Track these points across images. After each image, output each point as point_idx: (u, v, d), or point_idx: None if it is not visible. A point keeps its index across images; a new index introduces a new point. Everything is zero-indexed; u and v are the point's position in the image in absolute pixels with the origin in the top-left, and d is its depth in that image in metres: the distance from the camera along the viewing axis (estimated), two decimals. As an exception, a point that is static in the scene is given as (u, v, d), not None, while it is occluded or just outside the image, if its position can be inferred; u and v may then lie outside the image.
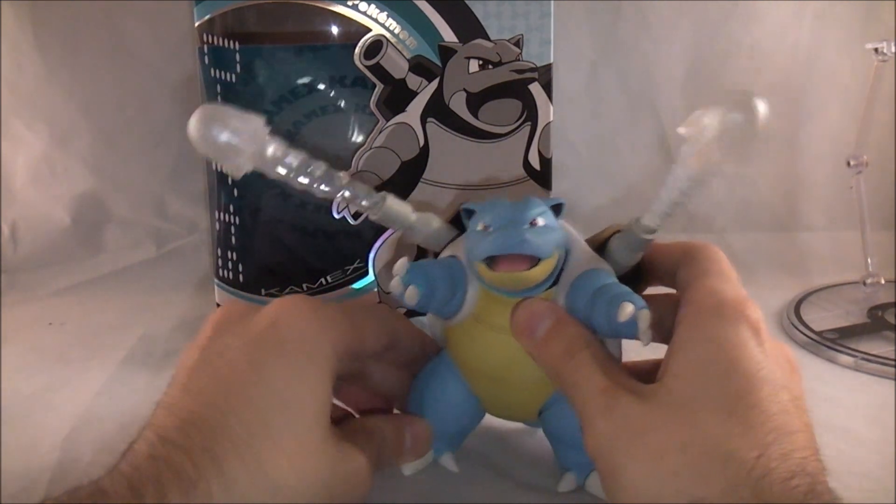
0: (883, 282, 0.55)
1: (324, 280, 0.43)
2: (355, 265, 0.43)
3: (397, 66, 0.41)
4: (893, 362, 0.44)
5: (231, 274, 0.43)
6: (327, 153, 0.42)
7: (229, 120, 0.27)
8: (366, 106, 0.41)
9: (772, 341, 0.26)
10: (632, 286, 0.30)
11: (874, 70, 0.55)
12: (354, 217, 0.42)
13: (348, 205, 0.32)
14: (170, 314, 0.57)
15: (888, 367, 0.44)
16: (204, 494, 0.22)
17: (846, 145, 0.57)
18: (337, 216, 0.42)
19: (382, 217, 0.32)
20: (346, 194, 0.31)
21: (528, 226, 0.27)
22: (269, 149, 0.28)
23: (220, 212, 0.43)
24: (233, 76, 0.41)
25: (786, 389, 0.24)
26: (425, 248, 0.42)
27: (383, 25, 0.40)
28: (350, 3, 0.40)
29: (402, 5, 0.40)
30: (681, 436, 0.23)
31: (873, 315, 0.52)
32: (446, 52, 0.41)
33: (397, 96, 0.41)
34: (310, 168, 0.30)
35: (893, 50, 0.53)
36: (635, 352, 0.30)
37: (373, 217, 0.32)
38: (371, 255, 0.43)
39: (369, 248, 0.43)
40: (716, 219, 0.75)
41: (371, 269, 0.43)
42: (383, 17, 0.40)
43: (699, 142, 0.24)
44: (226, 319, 0.28)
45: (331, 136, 0.42)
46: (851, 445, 0.35)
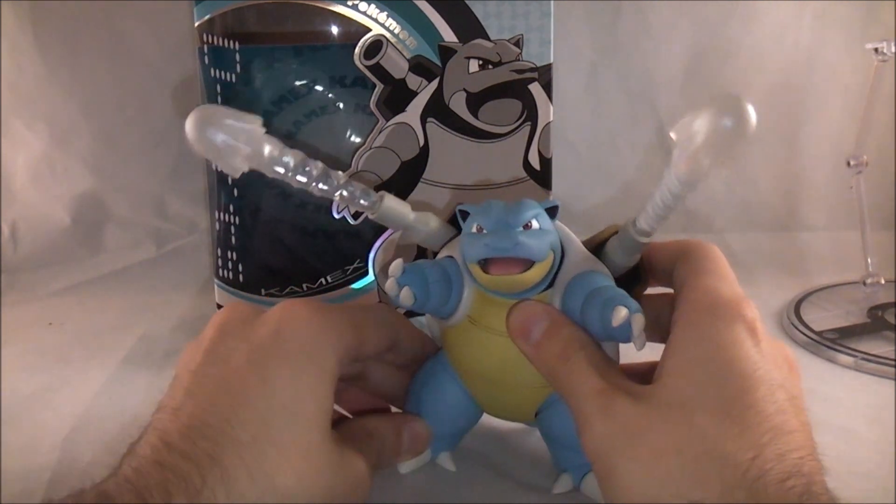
0: (883, 282, 0.55)
1: (324, 280, 0.43)
2: (355, 265, 0.43)
3: (397, 66, 0.41)
4: (893, 362, 0.44)
5: (231, 274, 0.43)
6: (327, 153, 0.42)
7: (225, 120, 0.27)
8: (366, 106, 0.41)
9: (769, 340, 0.26)
10: (629, 288, 0.30)
11: (874, 70, 0.55)
12: (354, 217, 0.42)
13: (348, 204, 0.32)
14: (170, 314, 0.57)
15: (888, 367, 0.44)
16: (209, 502, 0.22)
17: (846, 145, 0.57)
18: (337, 216, 0.42)
19: (380, 216, 0.32)
20: (344, 194, 0.31)
21: (522, 228, 0.27)
22: (266, 149, 0.28)
23: (220, 212, 0.43)
24: (233, 76, 0.41)
25: (783, 389, 0.24)
26: (426, 248, 0.43)
27: (383, 25, 0.40)
28: (350, 3, 0.40)
29: (402, 5, 0.40)
30: (677, 437, 0.23)
31: (873, 315, 0.52)
32: (446, 52, 0.41)
33: (397, 96, 0.41)
34: (307, 167, 0.30)
35: (893, 50, 0.53)
36: (635, 352, 0.30)
37: (371, 216, 0.32)
38: (371, 255, 0.43)
39: (369, 248, 0.43)
40: (716, 219, 0.75)
41: (371, 269, 0.43)
42: (383, 17, 0.40)
43: (689, 147, 0.24)
44: (230, 322, 0.28)
45: (331, 136, 0.42)
46: (851, 445, 0.35)
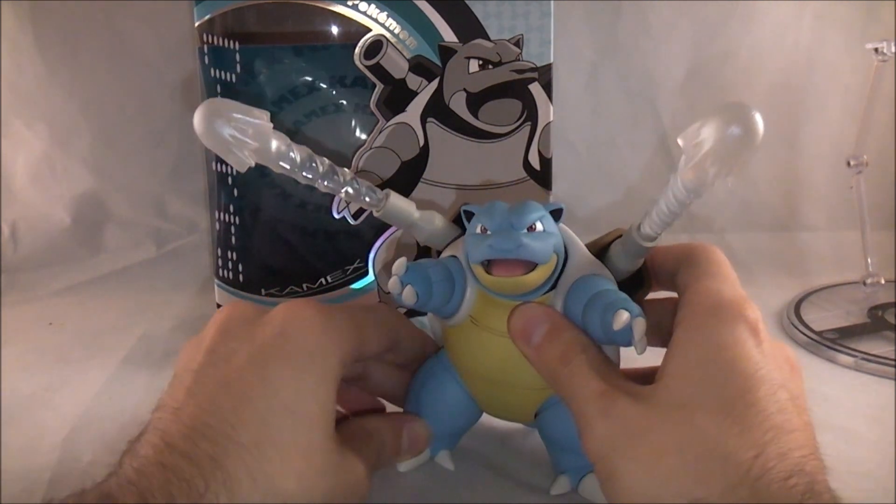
0: (883, 282, 0.55)
1: (324, 280, 0.43)
2: (355, 265, 0.43)
3: (397, 66, 0.41)
4: (893, 362, 0.44)
5: (231, 274, 0.43)
6: (327, 153, 0.42)
7: (233, 114, 0.27)
8: (366, 106, 0.41)
9: (771, 341, 0.26)
10: (632, 292, 0.30)
11: (874, 70, 0.55)
12: (355, 217, 0.42)
13: (351, 202, 0.32)
14: (170, 314, 0.57)
15: (888, 367, 0.44)
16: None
17: (846, 145, 0.57)
18: (337, 216, 0.42)
19: (385, 214, 0.32)
20: (350, 191, 0.31)
21: (525, 230, 0.27)
22: (273, 144, 0.28)
23: (220, 212, 0.43)
24: (233, 76, 0.41)
25: (784, 388, 0.24)
26: (426, 248, 0.43)
27: (383, 25, 0.40)
28: (350, 3, 0.40)
29: (402, 5, 0.40)
30: (678, 436, 0.23)
31: (873, 315, 0.52)
32: (446, 52, 0.41)
33: (397, 96, 0.41)
34: (313, 163, 0.30)
35: (893, 50, 0.53)
36: (636, 356, 0.30)
37: (376, 214, 0.32)
38: (371, 255, 0.43)
39: (369, 248, 0.43)
40: (716, 219, 0.75)
41: (371, 269, 0.43)
42: (383, 17, 0.40)
43: (696, 154, 0.24)
44: (231, 321, 0.28)
45: (331, 135, 0.42)
46: (851, 445, 0.35)
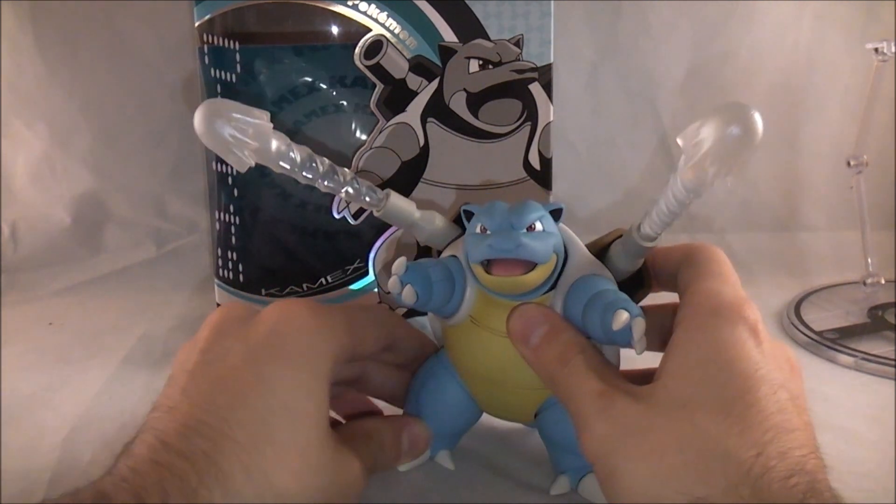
0: (883, 282, 0.55)
1: (324, 280, 0.43)
2: (355, 265, 0.43)
3: (397, 66, 0.41)
4: (893, 362, 0.44)
5: (231, 274, 0.43)
6: (328, 153, 0.42)
7: (233, 114, 0.27)
8: (366, 106, 0.41)
9: (771, 341, 0.26)
10: (633, 292, 0.30)
11: (874, 70, 0.55)
12: (355, 217, 0.42)
13: (351, 202, 0.32)
14: (170, 314, 0.57)
15: (888, 367, 0.44)
16: (206, 501, 0.22)
17: (846, 145, 0.57)
18: (337, 216, 0.42)
19: (386, 214, 0.32)
20: (350, 190, 0.31)
21: (525, 230, 0.27)
22: (274, 144, 0.28)
23: (220, 212, 0.43)
24: (233, 76, 0.41)
25: (784, 388, 0.24)
26: (427, 248, 0.43)
27: (383, 25, 0.40)
28: (350, 3, 0.40)
29: (402, 5, 0.40)
30: (679, 435, 0.23)
31: (873, 315, 0.52)
32: (446, 52, 0.41)
33: (397, 96, 0.41)
34: (313, 163, 0.30)
35: (893, 50, 0.53)
36: (635, 357, 0.30)
37: (376, 214, 0.32)
38: (371, 255, 0.43)
39: (369, 248, 0.43)
40: (716, 219, 0.75)
41: (371, 269, 0.43)
42: (383, 17, 0.40)
43: (696, 154, 0.24)
44: (225, 322, 0.28)
45: (331, 135, 0.42)
46: (851, 445, 0.35)
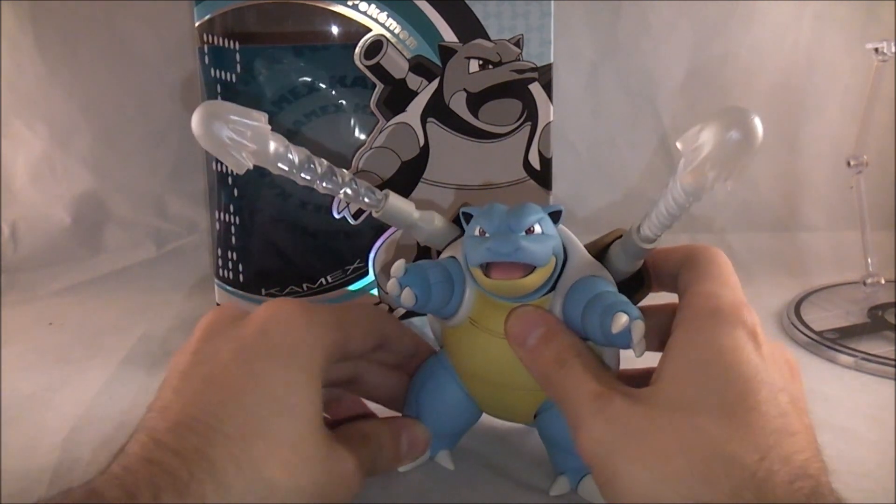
0: (883, 282, 0.55)
1: (324, 280, 0.43)
2: (355, 265, 0.43)
3: (397, 66, 0.41)
4: (893, 362, 0.44)
5: (231, 274, 0.43)
6: (328, 153, 0.42)
7: (231, 116, 0.27)
8: (366, 106, 0.41)
9: (770, 344, 0.26)
10: (631, 293, 0.30)
11: (874, 70, 0.55)
12: (355, 217, 0.42)
13: (350, 203, 0.31)
14: (170, 314, 0.57)
15: (888, 367, 0.44)
16: (197, 496, 0.22)
17: (846, 145, 0.57)
18: (337, 216, 0.42)
19: (385, 215, 0.32)
20: (349, 192, 0.31)
21: (524, 233, 0.27)
22: (272, 145, 0.28)
23: (220, 212, 0.43)
24: (233, 76, 0.41)
25: (784, 392, 0.24)
26: (426, 248, 0.43)
27: (383, 25, 0.40)
28: (350, 3, 0.40)
29: (402, 5, 0.40)
30: (682, 438, 0.23)
31: (873, 315, 0.52)
32: (446, 52, 0.41)
33: (397, 96, 0.41)
34: (311, 165, 0.30)
35: (893, 50, 0.53)
36: (634, 359, 0.30)
37: (375, 214, 0.32)
38: (371, 256, 0.43)
39: (369, 249, 0.43)
40: (716, 219, 0.75)
41: (371, 269, 0.43)
42: (383, 17, 0.40)
43: (695, 158, 0.24)
44: (216, 323, 0.28)
45: (331, 135, 0.42)
46: (851, 445, 0.36)
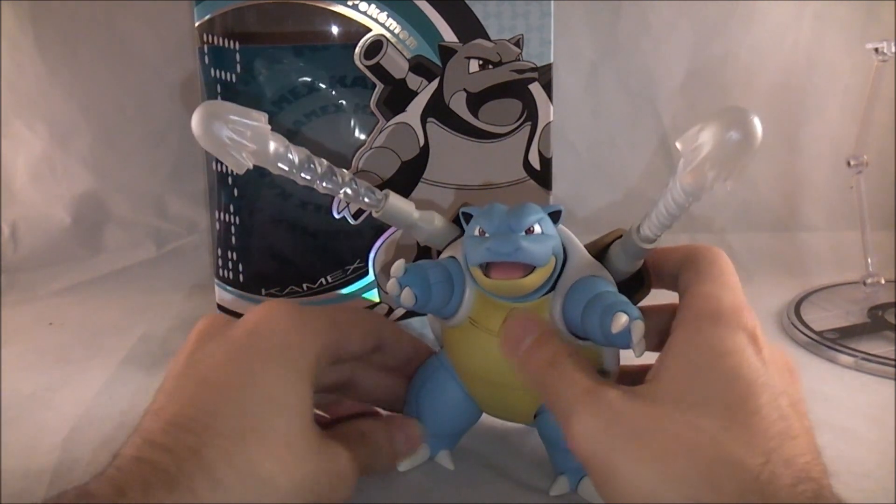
0: (883, 282, 0.55)
1: (324, 280, 0.43)
2: (355, 265, 0.43)
3: (397, 66, 0.41)
4: (893, 362, 0.44)
5: (231, 274, 0.43)
6: (327, 153, 0.42)
7: (231, 116, 0.27)
8: (366, 106, 0.41)
9: (770, 347, 0.26)
10: (631, 293, 0.30)
11: (874, 70, 0.55)
12: (355, 217, 0.42)
13: (350, 203, 0.32)
14: (170, 314, 0.57)
15: (888, 367, 0.44)
16: (188, 492, 0.22)
17: (846, 145, 0.57)
18: (337, 216, 0.42)
19: (384, 215, 0.32)
20: (349, 192, 0.31)
21: (524, 233, 0.27)
22: (271, 145, 0.28)
23: (220, 212, 0.43)
24: (233, 76, 0.41)
25: (785, 395, 0.24)
26: (426, 248, 0.43)
27: (383, 25, 0.40)
28: (350, 3, 0.40)
29: (402, 5, 0.40)
30: (685, 439, 0.23)
31: (873, 315, 0.52)
32: (446, 52, 0.41)
33: (397, 96, 0.41)
34: (311, 165, 0.30)
35: (893, 50, 0.53)
36: (634, 358, 0.30)
37: (375, 214, 0.32)
38: (371, 256, 0.43)
39: (369, 249, 0.43)
40: (716, 219, 0.75)
41: (371, 269, 0.43)
42: (383, 17, 0.40)
43: (695, 158, 0.24)
44: (208, 328, 0.29)
45: (331, 135, 0.42)
46: (851, 445, 0.36)
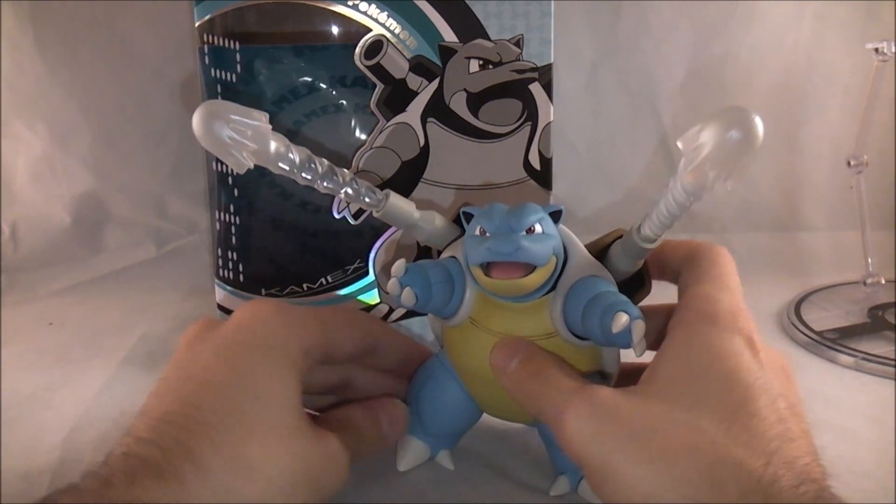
0: (883, 282, 0.55)
1: (324, 280, 0.43)
2: (355, 265, 0.43)
3: (397, 66, 0.41)
4: (893, 362, 0.44)
5: (231, 274, 0.43)
6: (328, 153, 0.42)
7: (232, 116, 0.27)
8: (366, 106, 0.41)
9: (766, 350, 0.27)
10: (632, 293, 0.30)
11: (874, 70, 0.55)
12: (355, 217, 0.42)
13: (350, 203, 0.32)
14: (170, 314, 0.57)
15: (888, 367, 0.44)
16: (175, 480, 0.22)
17: (846, 145, 0.57)
18: (337, 216, 0.42)
19: (385, 214, 0.32)
20: (349, 191, 0.31)
21: (524, 233, 0.27)
22: (272, 145, 0.28)
23: (220, 212, 0.43)
24: (233, 76, 0.41)
25: (782, 398, 0.24)
26: (427, 248, 0.43)
27: (383, 25, 0.40)
28: (350, 3, 0.40)
29: (402, 5, 0.40)
30: (686, 439, 0.23)
31: (873, 315, 0.52)
32: (446, 52, 0.41)
33: (397, 96, 0.41)
34: (312, 165, 0.30)
35: (893, 50, 0.53)
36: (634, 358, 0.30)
37: (376, 214, 0.32)
38: (371, 255, 0.43)
39: (369, 249, 0.43)
40: (716, 219, 0.75)
41: (371, 269, 0.43)
42: (383, 17, 0.40)
43: (696, 158, 0.24)
44: (196, 332, 0.29)
45: (331, 135, 0.42)
46: (851, 445, 0.36)
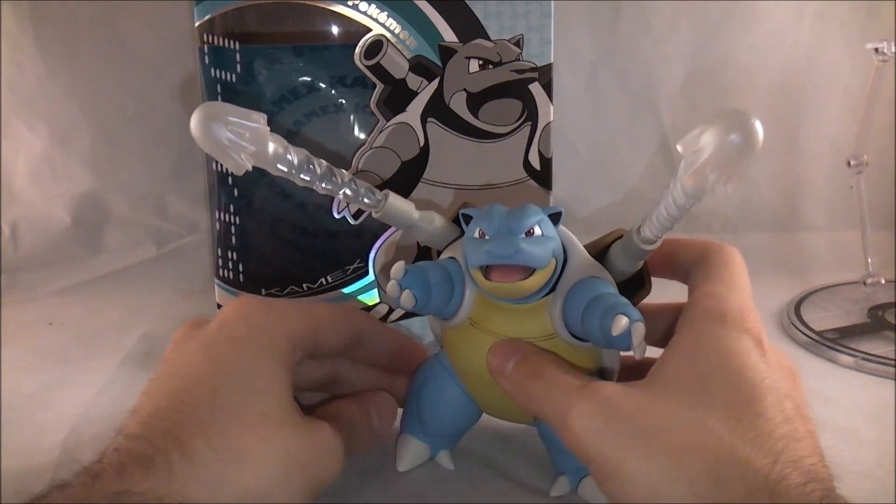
0: (883, 282, 0.55)
1: (324, 280, 0.43)
2: (355, 265, 0.43)
3: (397, 66, 0.41)
4: (893, 362, 0.44)
5: (231, 274, 0.43)
6: (328, 153, 0.42)
7: (230, 117, 0.27)
8: (366, 106, 0.41)
9: (773, 351, 0.27)
10: (632, 294, 0.30)
11: (874, 70, 0.55)
12: (355, 217, 0.42)
13: (350, 203, 0.31)
14: (170, 314, 0.57)
15: (888, 367, 0.44)
16: (164, 470, 0.22)
17: (846, 145, 0.57)
18: (337, 216, 0.42)
19: (384, 215, 0.32)
20: (348, 192, 0.31)
21: (524, 235, 0.27)
22: (271, 146, 0.28)
23: (220, 212, 0.43)
24: (233, 76, 0.41)
25: (789, 398, 0.25)
26: (426, 248, 0.43)
27: (383, 25, 0.40)
28: (350, 3, 0.40)
29: (402, 5, 0.40)
30: (693, 437, 0.23)
31: (873, 315, 0.52)
32: (446, 52, 0.41)
33: (397, 96, 0.41)
34: (311, 166, 0.30)
35: (893, 50, 0.53)
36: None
37: (375, 215, 0.32)
38: (371, 256, 0.43)
39: (369, 249, 0.43)
40: (716, 219, 0.75)
41: (371, 269, 0.43)
42: (383, 17, 0.40)
43: (696, 161, 0.24)
44: (185, 332, 0.30)
45: (331, 135, 0.42)
46: (851, 445, 0.36)
